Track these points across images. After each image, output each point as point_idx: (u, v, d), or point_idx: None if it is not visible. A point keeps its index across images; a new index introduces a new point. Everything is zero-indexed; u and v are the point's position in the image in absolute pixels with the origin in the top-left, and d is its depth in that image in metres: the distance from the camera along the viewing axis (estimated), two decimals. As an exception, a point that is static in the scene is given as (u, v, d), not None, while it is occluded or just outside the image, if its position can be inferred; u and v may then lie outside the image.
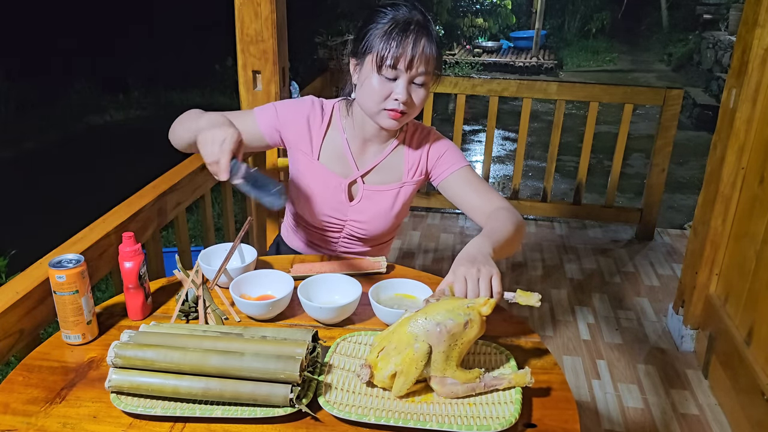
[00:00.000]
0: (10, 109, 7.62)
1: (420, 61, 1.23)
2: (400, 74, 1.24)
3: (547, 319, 2.70)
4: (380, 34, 1.23)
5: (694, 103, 7.66)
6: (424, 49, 1.22)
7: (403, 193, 1.43)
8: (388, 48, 1.22)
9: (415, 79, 1.25)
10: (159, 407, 0.91)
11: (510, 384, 0.92)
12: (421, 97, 1.28)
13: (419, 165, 1.43)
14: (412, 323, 0.94)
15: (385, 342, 0.95)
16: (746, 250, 2.10)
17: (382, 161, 1.42)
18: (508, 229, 1.21)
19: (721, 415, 2.12)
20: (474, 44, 12.43)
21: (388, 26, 1.23)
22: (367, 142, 1.41)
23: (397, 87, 1.25)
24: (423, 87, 1.27)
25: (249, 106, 2.23)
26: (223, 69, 8.88)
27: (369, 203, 1.42)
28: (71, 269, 1.05)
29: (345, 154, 1.41)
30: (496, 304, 0.96)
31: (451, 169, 1.39)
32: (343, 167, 1.41)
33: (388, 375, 0.93)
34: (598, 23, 13.59)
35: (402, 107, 1.26)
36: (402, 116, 1.28)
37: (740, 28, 2.15)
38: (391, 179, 1.43)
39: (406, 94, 1.25)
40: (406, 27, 1.22)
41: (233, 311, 1.19)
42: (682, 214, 4.78)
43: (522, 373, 0.92)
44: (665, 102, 3.25)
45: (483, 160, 3.67)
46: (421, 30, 1.23)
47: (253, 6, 2.10)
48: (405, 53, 1.21)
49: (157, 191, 1.68)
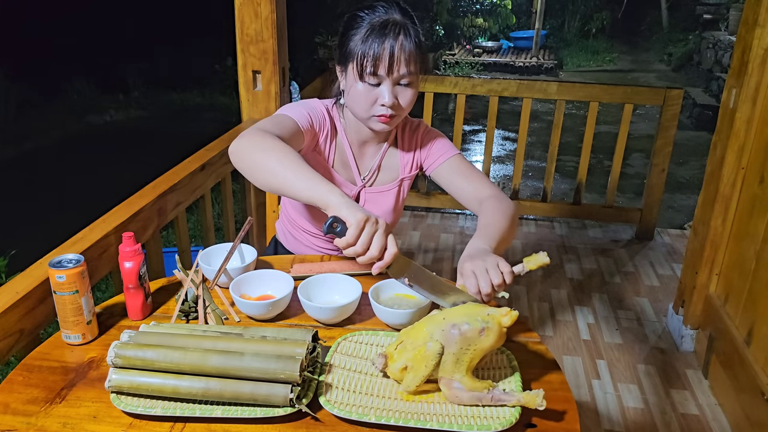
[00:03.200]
0: (10, 109, 7.61)
1: (400, 63, 1.21)
2: (383, 79, 1.23)
3: (547, 319, 2.70)
4: (358, 41, 1.22)
5: (694, 103, 7.65)
6: (403, 49, 1.20)
7: (402, 189, 1.46)
8: (366, 55, 1.20)
9: (399, 81, 1.24)
10: (159, 407, 0.91)
11: (519, 403, 0.89)
12: (408, 97, 1.27)
13: (414, 158, 1.44)
14: (432, 322, 0.95)
15: (405, 336, 0.97)
16: (746, 250, 2.10)
17: (380, 163, 1.43)
18: (500, 222, 1.22)
19: (721, 415, 2.12)
20: (474, 44, 12.42)
21: (365, 32, 1.21)
22: (365, 144, 1.42)
23: (382, 92, 1.23)
24: (409, 87, 1.26)
25: (249, 106, 2.23)
26: (223, 69, 8.88)
27: (373, 206, 1.44)
28: (71, 269, 1.05)
29: (348, 158, 1.41)
30: (517, 317, 0.94)
31: (443, 158, 1.40)
32: (347, 172, 1.42)
33: (400, 368, 0.94)
34: (598, 23, 13.58)
35: (390, 111, 1.25)
36: (392, 118, 1.27)
37: (740, 28, 2.15)
38: (390, 178, 1.45)
39: (392, 98, 1.24)
40: (382, 30, 1.20)
41: (233, 311, 1.19)
42: (682, 214, 4.78)
43: (534, 394, 0.88)
44: (665, 102, 3.25)
45: (483, 160, 3.67)
46: (399, 29, 1.21)
47: (253, 6, 2.10)
48: (383, 58, 1.20)
49: (157, 191, 1.68)
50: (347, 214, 0.96)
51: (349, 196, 1.02)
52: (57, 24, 8.91)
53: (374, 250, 0.95)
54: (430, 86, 3.50)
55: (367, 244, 0.95)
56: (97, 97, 8.56)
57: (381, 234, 0.96)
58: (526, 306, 2.80)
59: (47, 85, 8.28)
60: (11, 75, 7.90)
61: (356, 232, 0.95)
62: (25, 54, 8.55)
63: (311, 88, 3.36)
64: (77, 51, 8.81)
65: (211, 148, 2.02)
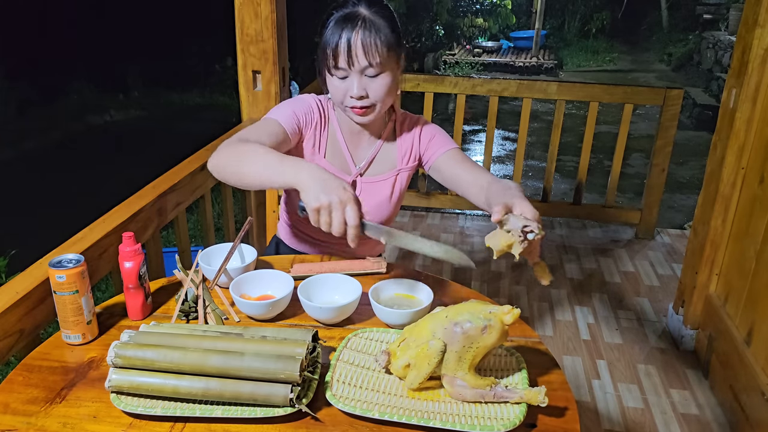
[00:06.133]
0: (10, 109, 7.61)
1: (359, 54, 1.23)
2: (348, 72, 1.26)
3: (547, 319, 2.70)
4: (325, 36, 1.26)
5: (694, 103, 7.66)
6: (362, 41, 1.23)
7: (399, 180, 1.47)
8: (329, 49, 1.25)
9: (365, 72, 1.26)
10: (159, 407, 0.91)
11: (521, 400, 0.90)
12: (377, 88, 1.28)
13: (412, 151, 1.46)
14: (435, 320, 0.95)
15: (408, 333, 0.97)
16: (746, 250, 2.10)
17: (376, 153, 1.45)
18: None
19: (721, 415, 2.12)
20: (474, 44, 12.43)
21: (330, 26, 1.26)
22: (358, 135, 1.44)
23: (350, 84, 1.27)
24: (378, 78, 1.27)
25: (249, 106, 2.23)
26: (223, 69, 8.89)
27: (369, 196, 1.45)
28: (71, 269, 1.05)
29: (342, 148, 1.44)
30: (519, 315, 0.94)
31: (441, 150, 1.42)
32: (341, 162, 1.44)
33: (402, 365, 0.95)
34: (598, 23, 13.59)
35: (361, 102, 1.28)
36: (368, 110, 1.30)
37: (740, 28, 2.15)
38: (387, 168, 1.46)
39: (360, 90, 1.26)
40: (342, 24, 1.24)
41: (233, 311, 1.19)
42: (682, 214, 4.78)
43: (536, 391, 0.89)
44: (665, 102, 3.25)
45: (483, 160, 3.67)
46: (360, 22, 1.24)
47: (253, 6, 2.10)
48: (341, 50, 1.23)
49: (157, 191, 1.68)
50: (308, 199, 1.03)
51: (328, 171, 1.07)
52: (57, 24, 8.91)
53: (335, 230, 1.03)
54: (430, 86, 3.50)
55: (327, 225, 1.03)
56: (97, 97, 8.56)
57: (338, 213, 1.02)
58: (526, 306, 2.80)
59: (47, 85, 8.28)
60: (11, 75, 7.90)
61: (315, 217, 1.04)
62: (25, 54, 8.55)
63: (311, 88, 3.36)
64: (77, 51, 8.81)
65: (211, 148, 2.02)
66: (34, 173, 6.14)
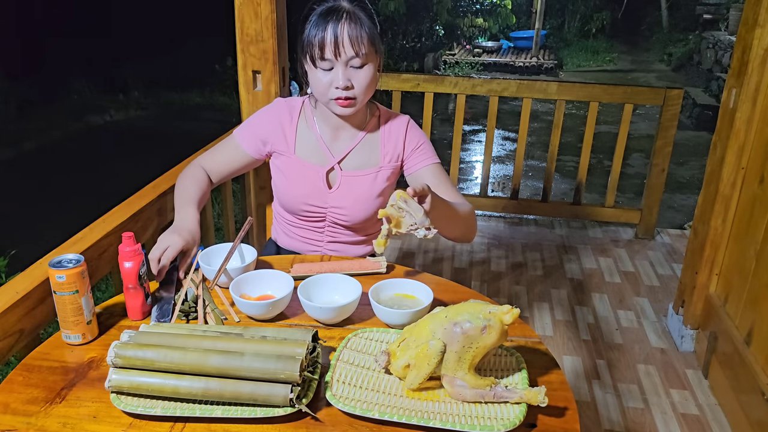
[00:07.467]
0: (10, 109, 7.61)
1: (345, 45, 1.27)
2: (333, 63, 1.29)
3: (547, 319, 2.70)
4: (309, 30, 1.30)
5: (694, 103, 7.65)
6: (348, 32, 1.27)
7: (380, 178, 1.47)
8: (314, 42, 1.28)
9: (350, 63, 1.30)
10: (159, 407, 0.91)
11: (521, 400, 0.90)
12: (362, 79, 1.32)
13: (395, 151, 1.48)
14: (435, 320, 0.95)
15: (409, 333, 0.98)
16: (746, 250, 2.10)
17: (356, 146, 1.46)
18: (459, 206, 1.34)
19: (721, 415, 2.12)
20: (474, 44, 12.42)
21: (314, 20, 1.30)
22: (338, 130, 1.46)
23: (335, 76, 1.30)
24: (362, 69, 1.31)
25: (249, 106, 2.23)
26: (223, 69, 8.89)
27: (347, 189, 1.46)
28: (71, 269, 1.05)
29: (319, 143, 1.46)
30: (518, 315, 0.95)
31: (424, 163, 1.47)
32: (319, 157, 1.46)
33: (402, 365, 0.95)
34: (598, 23, 13.59)
35: (346, 93, 1.31)
36: (351, 101, 1.33)
37: (740, 28, 2.15)
38: (368, 164, 1.47)
39: (345, 80, 1.30)
40: (326, 17, 1.28)
41: (233, 311, 1.19)
42: (682, 214, 4.78)
43: (536, 391, 0.89)
44: (665, 102, 3.25)
45: (483, 160, 3.67)
46: (344, 14, 1.28)
47: (253, 6, 2.10)
48: (327, 41, 1.27)
49: (157, 191, 1.68)
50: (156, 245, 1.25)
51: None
52: (57, 24, 8.91)
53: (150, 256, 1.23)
54: (430, 86, 3.50)
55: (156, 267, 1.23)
56: (97, 97, 8.56)
57: (154, 259, 1.23)
58: (526, 306, 2.80)
59: (47, 85, 8.28)
60: (11, 75, 7.89)
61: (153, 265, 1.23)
62: (25, 54, 8.55)
63: (311, 88, 3.36)
64: (77, 51, 8.81)
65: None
66: (34, 173, 6.14)
